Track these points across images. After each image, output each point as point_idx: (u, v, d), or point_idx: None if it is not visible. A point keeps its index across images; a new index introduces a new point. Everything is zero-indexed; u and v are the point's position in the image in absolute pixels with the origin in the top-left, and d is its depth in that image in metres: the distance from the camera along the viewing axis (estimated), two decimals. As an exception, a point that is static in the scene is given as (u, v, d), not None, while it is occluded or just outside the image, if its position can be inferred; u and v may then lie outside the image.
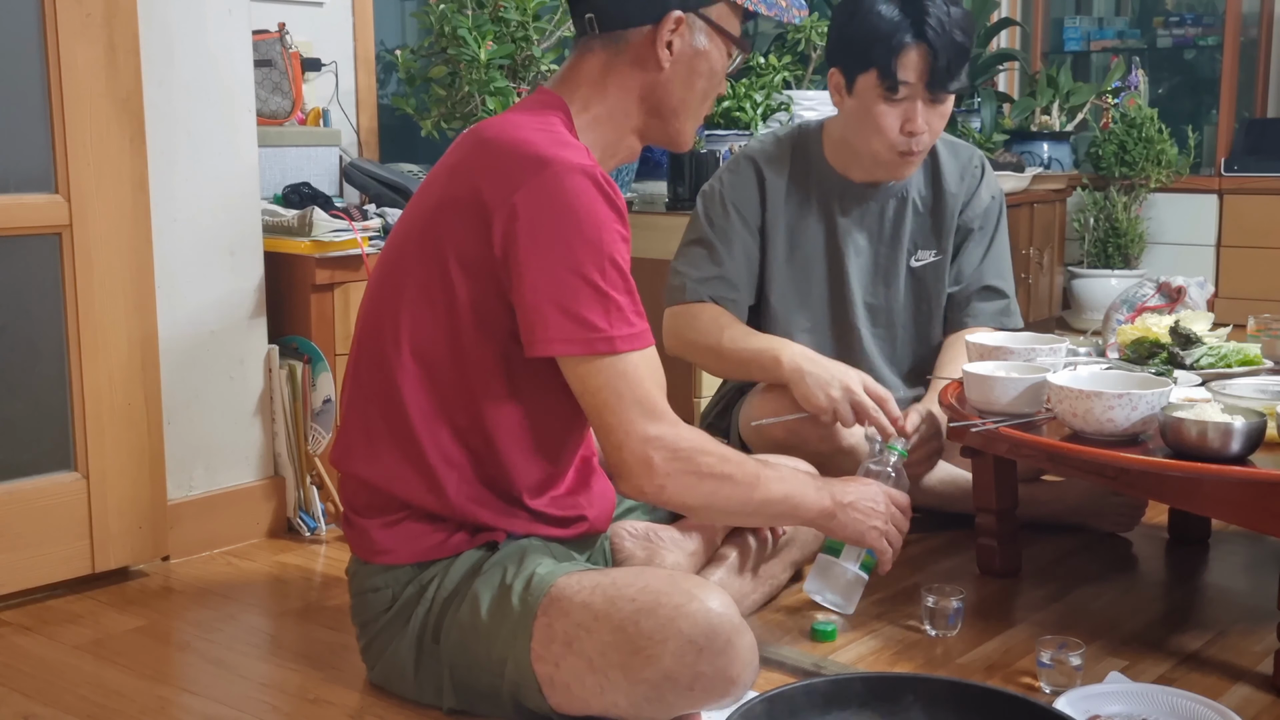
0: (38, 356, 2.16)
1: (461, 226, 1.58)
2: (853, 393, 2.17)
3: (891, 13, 2.22)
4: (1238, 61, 5.39)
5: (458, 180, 1.61)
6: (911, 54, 2.22)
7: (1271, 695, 1.76)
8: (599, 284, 1.54)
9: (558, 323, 1.54)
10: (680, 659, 1.47)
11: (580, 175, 1.55)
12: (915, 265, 2.47)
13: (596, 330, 1.54)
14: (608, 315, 1.55)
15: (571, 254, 1.53)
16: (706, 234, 2.39)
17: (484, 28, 3.05)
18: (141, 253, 2.24)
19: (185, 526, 2.38)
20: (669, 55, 1.67)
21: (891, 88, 2.23)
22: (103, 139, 2.17)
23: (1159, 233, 5.30)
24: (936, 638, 1.95)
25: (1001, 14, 5.55)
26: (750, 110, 3.50)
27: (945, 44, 2.21)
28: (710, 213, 2.41)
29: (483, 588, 1.62)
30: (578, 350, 1.55)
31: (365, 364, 1.69)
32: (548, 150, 1.56)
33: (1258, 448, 1.79)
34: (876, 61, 2.23)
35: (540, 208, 1.53)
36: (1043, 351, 2.16)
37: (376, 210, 2.74)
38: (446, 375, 1.63)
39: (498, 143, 1.60)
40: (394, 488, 1.66)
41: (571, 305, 1.54)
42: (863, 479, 1.93)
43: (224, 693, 1.81)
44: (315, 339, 2.55)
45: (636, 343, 1.58)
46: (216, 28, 2.37)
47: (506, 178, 1.55)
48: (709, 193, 2.43)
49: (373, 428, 1.68)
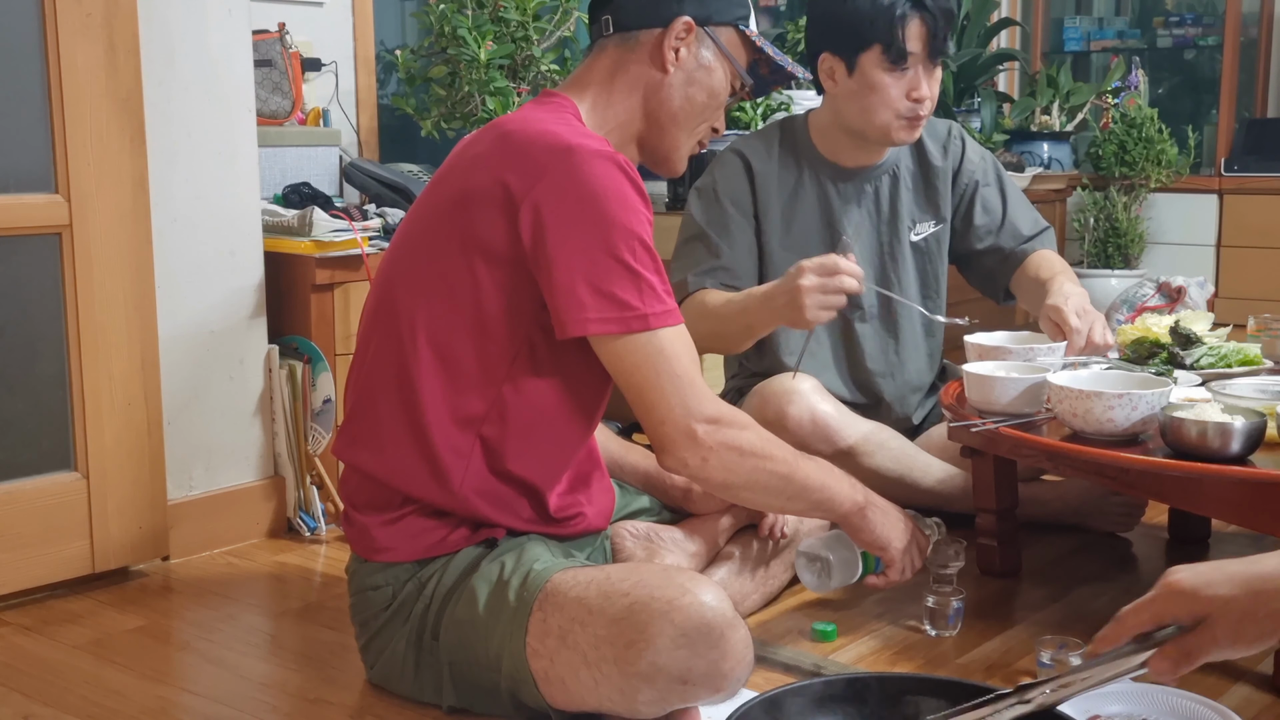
0: (38, 356, 2.16)
1: (486, 219, 1.59)
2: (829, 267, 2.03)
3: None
4: (1238, 61, 5.39)
5: (479, 173, 1.62)
6: (914, 24, 2.26)
7: (1271, 695, 1.76)
8: (630, 263, 1.56)
9: (593, 303, 1.55)
10: (673, 653, 1.47)
11: (604, 160, 1.57)
12: (916, 239, 2.49)
13: (631, 309, 1.56)
14: (640, 294, 1.57)
15: (602, 235, 1.55)
16: (702, 229, 2.40)
17: (484, 28, 3.05)
18: (141, 253, 2.24)
19: (185, 526, 2.38)
20: (675, 59, 1.72)
21: (897, 59, 2.26)
22: (103, 139, 2.17)
23: (1159, 233, 5.30)
24: (936, 638, 1.95)
25: (1001, 14, 5.55)
26: (750, 110, 3.50)
27: (941, 10, 2.27)
28: (704, 208, 2.42)
29: (480, 584, 1.62)
30: (614, 329, 1.57)
31: (375, 356, 1.69)
32: (570, 138, 1.58)
33: (1258, 448, 1.79)
34: (879, 37, 2.26)
35: (567, 193, 1.55)
36: (1042, 351, 2.16)
37: (376, 210, 2.75)
38: (465, 365, 1.63)
39: (520, 135, 1.62)
40: (398, 481, 1.66)
41: (605, 285, 1.55)
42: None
43: (224, 693, 1.81)
44: (315, 339, 2.55)
45: (670, 319, 1.60)
46: (216, 28, 2.37)
47: (531, 168, 1.57)
48: (700, 189, 2.44)
49: (381, 419, 1.67)
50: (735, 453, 1.64)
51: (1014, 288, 2.52)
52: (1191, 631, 1.11)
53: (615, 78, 1.73)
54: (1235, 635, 1.09)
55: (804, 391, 2.31)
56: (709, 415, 1.61)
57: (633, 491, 2.02)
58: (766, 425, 2.30)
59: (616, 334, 1.57)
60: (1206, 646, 1.10)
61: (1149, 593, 1.14)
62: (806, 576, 1.94)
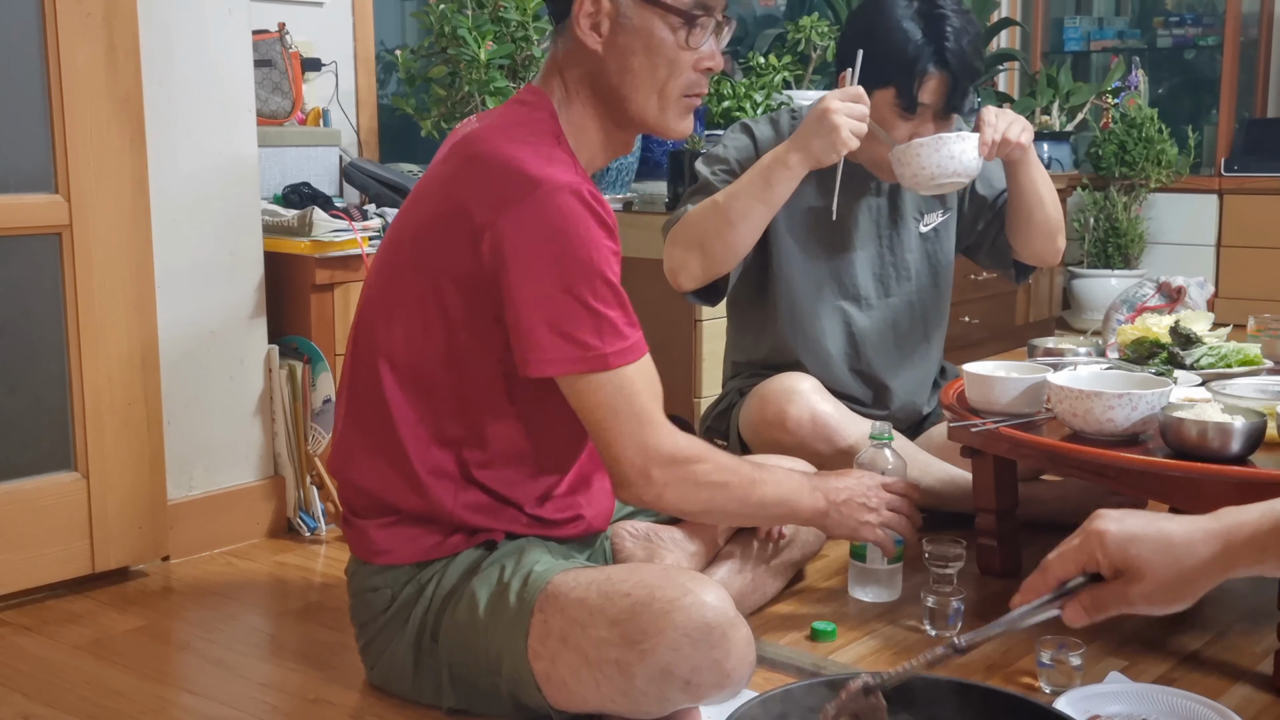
0: (38, 356, 2.16)
1: (452, 244, 1.58)
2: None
3: (914, 34, 2.24)
4: (1238, 61, 5.40)
5: (447, 196, 1.61)
6: (932, 80, 2.25)
7: (1271, 695, 1.76)
8: (590, 302, 1.55)
9: (552, 344, 1.55)
10: (675, 653, 1.47)
11: (568, 194, 1.54)
12: (924, 229, 2.50)
13: (590, 349, 1.55)
14: (600, 333, 1.56)
15: (562, 274, 1.53)
16: (709, 179, 2.37)
17: (484, 28, 3.05)
18: (141, 253, 2.24)
19: (185, 526, 2.38)
20: (597, 38, 1.62)
21: (909, 109, 2.26)
22: (103, 139, 2.17)
23: (1159, 233, 5.30)
24: (936, 638, 1.95)
25: (1001, 14, 5.55)
26: (750, 110, 3.51)
27: (963, 70, 2.25)
28: (707, 164, 2.40)
29: (480, 586, 1.62)
30: (573, 369, 1.56)
31: (357, 374, 1.70)
32: (536, 169, 1.55)
33: (1258, 448, 1.79)
34: (895, 82, 2.26)
35: (529, 230, 1.53)
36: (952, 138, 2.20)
37: (376, 210, 2.75)
38: (440, 389, 1.63)
39: (486, 159, 1.58)
40: (388, 495, 1.67)
41: (564, 325, 1.54)
42: (856, 471, 1.96)
43: (224, 693, 1.81)
44: (315, 339, 2.55)
45: (630, 356, 1.59)
46: (216, 28, 2.37)
47: (495, 197, 1.55)
48: (708, 153, 2.43)
49: (366, 436, 1.69)
50: (690, 485, 1.65)
51: (1009, 232, 2.47)
52: (1108, 584, 1.14)
53: (567, 70, 1.66)
54: (1149, 599, 1.13)
55: (804, 391, 2.31)
56: (665, 454, 1.62)
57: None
58: (767, 425, 2.32)
59: (576, 374, 1.57)
60: (1120, 603, 1.14)
61: (1074, 537, 1.17)
62: (861, 591, 2.10)
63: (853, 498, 1.87)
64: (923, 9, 2.27)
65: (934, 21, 2.25)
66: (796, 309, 2.44)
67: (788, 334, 2.45)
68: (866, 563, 2.06)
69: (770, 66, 3.63)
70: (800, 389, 2.31)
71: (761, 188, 2.22)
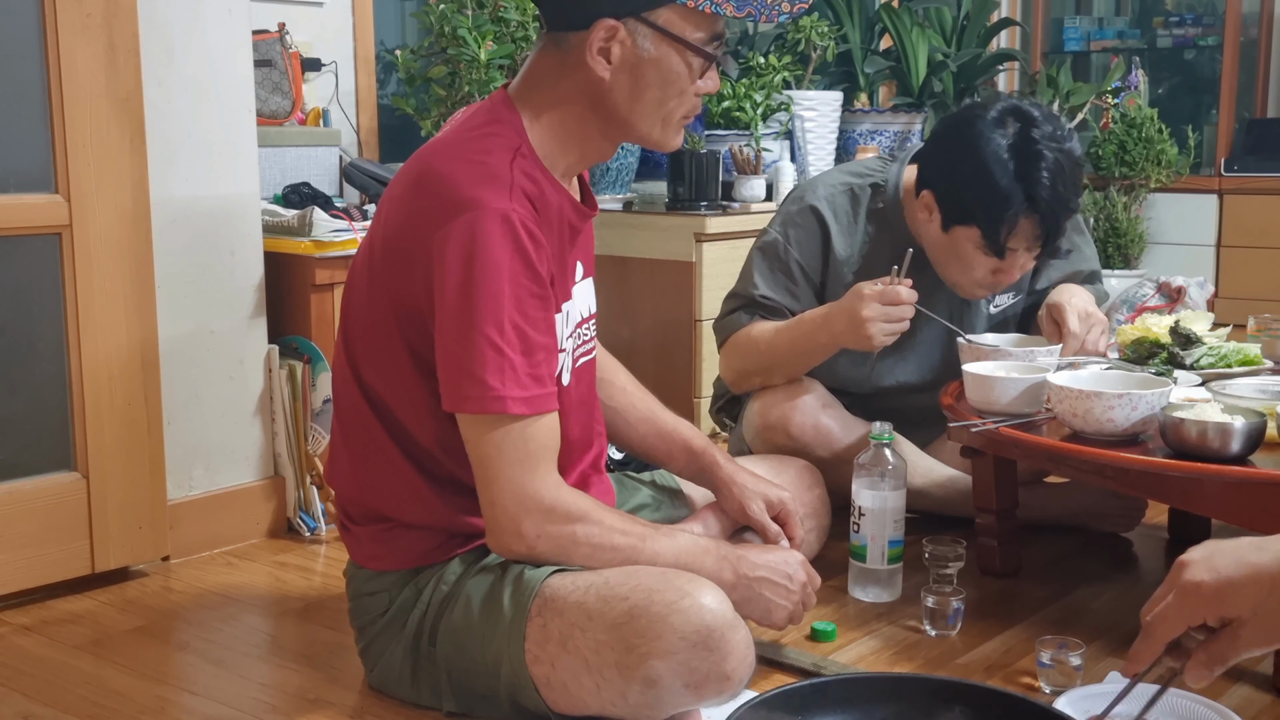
0: (38, 356, 2.16)
1: (397, 271, 1.58)
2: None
3: (1004, 174, 2.05)
4: (1238, 61, 5.39)
5: (395, 218, 1.60)
6: (1022, 226, 2.08)
7: (1271, 695, 1.76)
8: (496, 342, 1.51)
9: (456, 379, 1.53)
10: (675, 656, 1.47)
11: (495, 221, 1.50)
12: (994, 310, 2.42)
13: (489, 389, 1.51)
14: (501, 375, 1.51)
15: (474, 310, 1.50)
16: (764, 293, 2.29)
17: (484, 28, 3.05)
18: (141, 253, 2.24)
19: (185, 526, 2.38)
20: (606, 64, 1.57)
21: (995, 253, 2.12)
22: (103, 139, 2.17)
23: (1159, 233, 5.30)
24: (936, 638, 1.95)
25: (1001, 14, 5.55)
26: (750, 110, 3.50)
27: (1058, 211, 2.07)
28: (768, 268, 2.30)
29: (474, 590, 1.62)
30: (471, 408, 1.53)
31: (340, 384, 1.71)
32: (468, 191, 1.51)
33: (1258, 448, 1.79)
34: (981, 224, 2.10)
35: (451, 256, 1.51)
36: (1041, 352, 2.16)
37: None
38: (420, 402, 1.62)
39: (427, 180, 1.56)
40: (379, 504, 1.68)
41: (469, 363, 1.51)
42: (783, 548, 1.82)
43: (224, 693, 1.81)
44: (315, 339, 2.55)
45: (528, 407, 1.53)
46: (216, 28, 2.37)
47: (427, 222, 1.53)
48: (769, 247, 2.31)
49: (353, 447, 1.69)
50: (568, 543, 1.58)
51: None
52: (1219, 635, 1.11)
53: (559, 82, 1.61)
54: (1265, 638, 1.10)
55: (807, 399, 2.30)
56: (544, 505, 1.55)
57: (631, 489, 2.02)
58: (769, 431, 2.31)
59: (473, 413, 1.54)
60: (1236, 651, 1.11)
61: (1164, 590, 1.14)
62: (861, 591, 2.10)
63: (770, 577, 1.70)
64: (1018, 143, 2.06)
65: (1029, 159, 2.05)
66: (843, 379, 2.35)
67: (827, 380, 2.36)
68: (866, 563, 2.06)
69: (770, 66, 3.63)
70: (805, 398, 2.29)
71: (803, 355, 2.24)
